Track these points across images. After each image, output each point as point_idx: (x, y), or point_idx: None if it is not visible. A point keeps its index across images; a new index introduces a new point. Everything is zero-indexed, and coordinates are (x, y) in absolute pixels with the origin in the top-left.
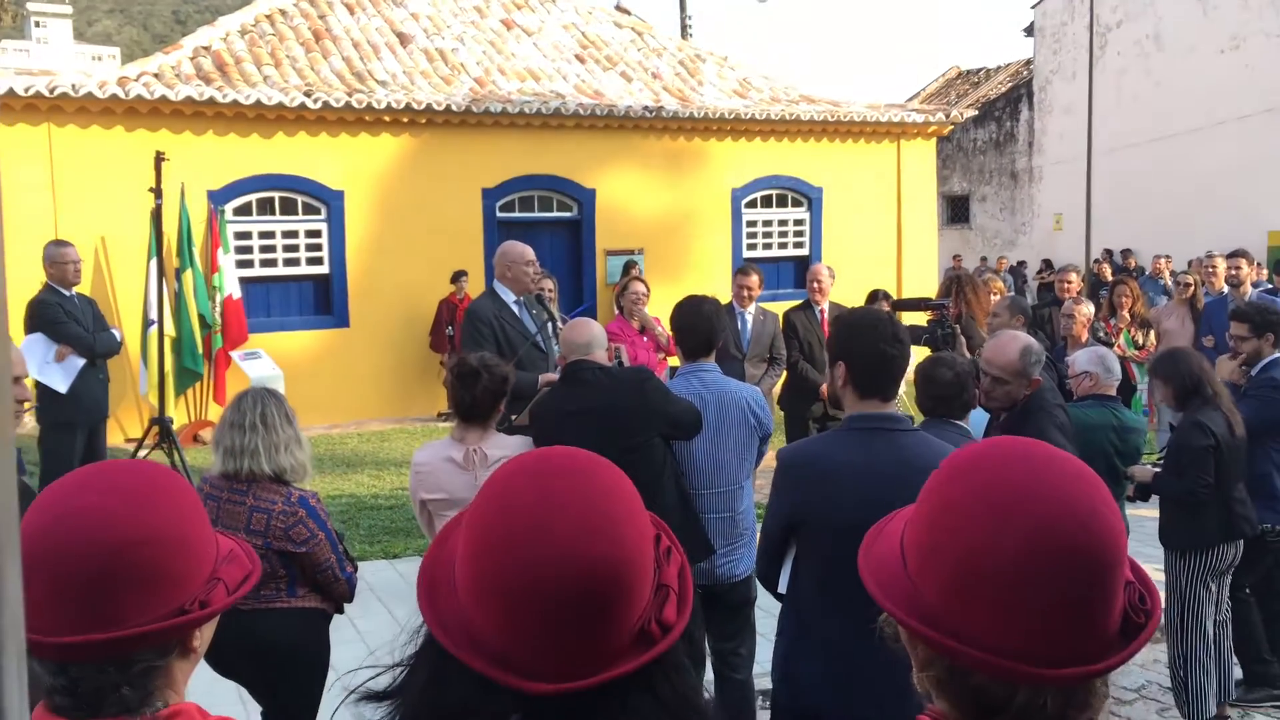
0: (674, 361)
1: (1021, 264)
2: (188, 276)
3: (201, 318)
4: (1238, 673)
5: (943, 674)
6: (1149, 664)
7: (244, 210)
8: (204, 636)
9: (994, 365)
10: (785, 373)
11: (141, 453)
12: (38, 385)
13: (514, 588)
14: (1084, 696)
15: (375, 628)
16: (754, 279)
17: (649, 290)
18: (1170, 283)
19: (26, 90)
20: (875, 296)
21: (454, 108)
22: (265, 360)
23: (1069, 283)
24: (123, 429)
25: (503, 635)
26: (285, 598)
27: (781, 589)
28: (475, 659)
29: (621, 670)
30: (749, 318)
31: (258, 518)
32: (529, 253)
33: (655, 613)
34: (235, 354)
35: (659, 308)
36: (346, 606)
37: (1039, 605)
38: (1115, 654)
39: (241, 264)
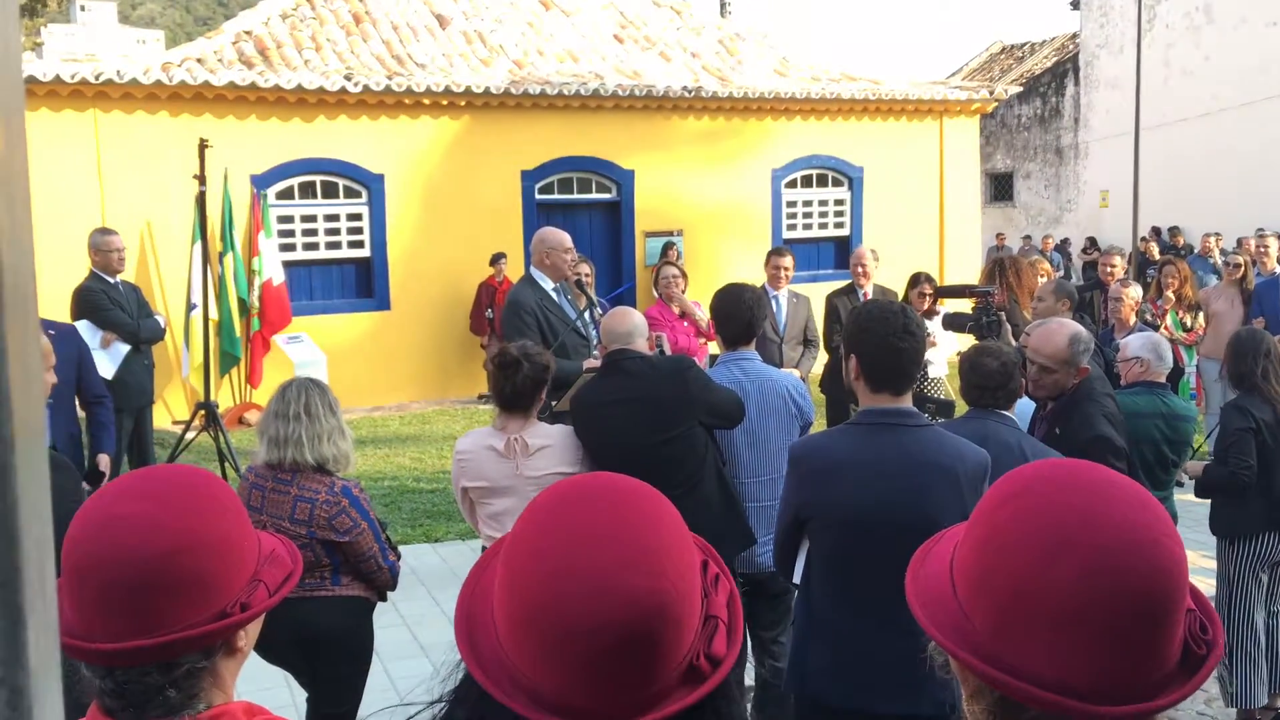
0: (714, 348)
1: (1065, 242)
2: (228, 260)
3: (240, 301)
4: None
5: (993, 705)
6: None
7: (286, 194)
8: (249, 635)
9: (1041, 354)
10: (827, 356)
11: (189, 435)
12: None
13: (548, 627)
14: None
15: (417, 612)
16: (788, 259)
17: (685, 275)
18: (1220, 262)
19: (72, 77)
20: (917, 280)
21: (493, 90)
22: (308, 344)
23: (1112, 266)
24: (170, 412)
25: (541, 676)
26: (330, 586)
27: (796, 579)
28: (515, 701)
29: (669, 711)
30: (783, 300)
31: (302, 507)
32: (567, 240)
33: (704, 646)
34: (278, 338)
35: (699, 289)
36: (389, 593)
37: (1095, 640)
38: (1175, 689)
39: (284, 248)
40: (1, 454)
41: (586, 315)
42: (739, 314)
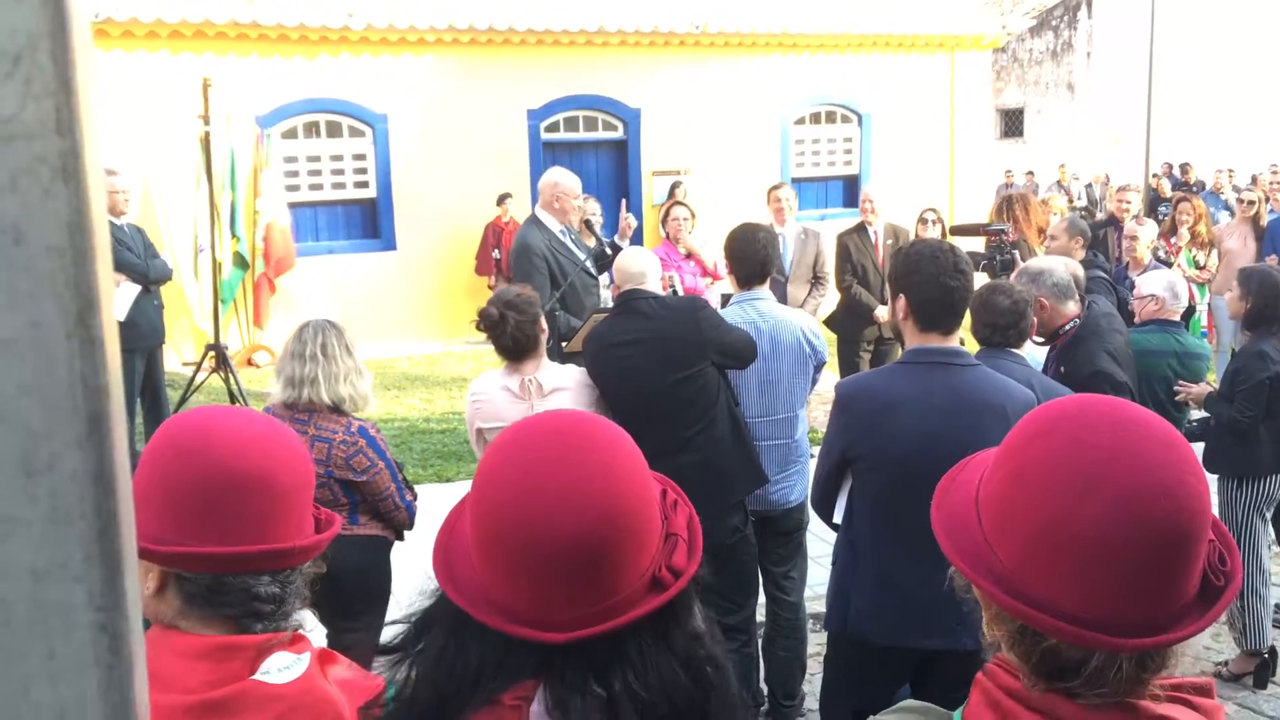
0: (722, 287)
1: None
2: (230, 201)
3: (237, 244)
4: None
5: (1014, 632)
6: None
7: (290, 134)
8: None
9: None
10: (840, 295)
11: (199, 377)
12: None
13: (516, 544)
14: (1160, 659)
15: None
16: (785, 191)
17: (693, 214)
18: (1232, 199)
19: None
20: (925, 220)
21: (497, 27)
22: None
23: (1127, 202)
24: (179, 354)
25: (515, 592)
26: (348, 525)
27: (837, 520)
28: (493, 618)
29: (631, 615)
30: (789, 237)
31: (319, 446)
32: (577, 186)
33: (665, 559)
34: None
35: (707, 228)
36: (406, 533)
37: (1119, 575)
38: (1193, 620)
39: (288, 189)
40: (99, 403)
41: (601, 255)
42: (753, 254)
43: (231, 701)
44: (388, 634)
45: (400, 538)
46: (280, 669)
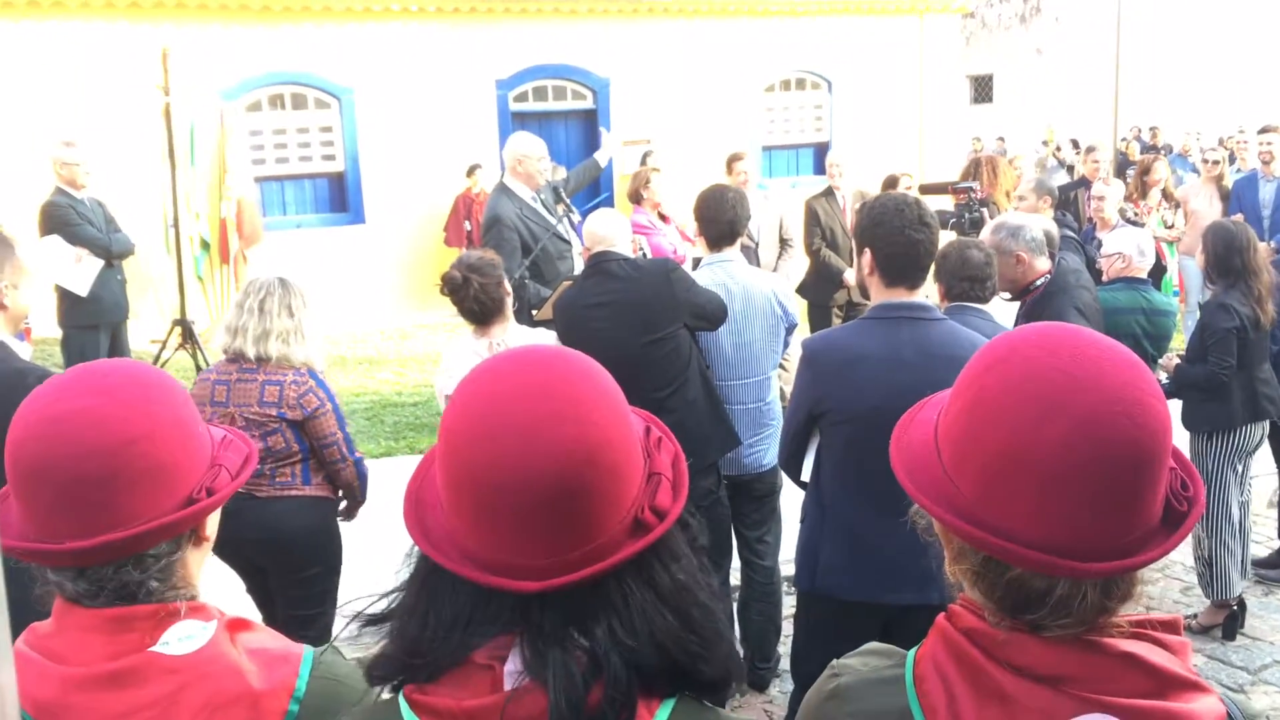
0: (696, 252)
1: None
2: (193, 175)
3: (198, 217)
4: (1256, 551)
5: (978, 567)
6: None
7: (255, 107)
8: (212, 524)
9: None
10: (810, 260)
11: (165, 354)
12: (58, 289)
13: (484, 486)
14: (1125, 587)
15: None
16: (743, 160)
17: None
18: (1199, 162)
19: None
20: (893, 182)
21: None
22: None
23: (1096, 162)
24: (146, 330)
25: (485, 538)
26: (300, 485)
27: (804, 477)
28: (464, 567)
29: (612, 560)
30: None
31: (270, 390)
32: (542, 147)
33: (648, 500)
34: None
35: (679, 198)
36: (372, 502)
37: (1080, 499)
38: (1157, 545)
39: (254, 162)
40: None
41: (567, 221)
42: (722, 214)
43: (128, 673)
44: (380, 604)
45: (354, 500)
46: (181, 639)
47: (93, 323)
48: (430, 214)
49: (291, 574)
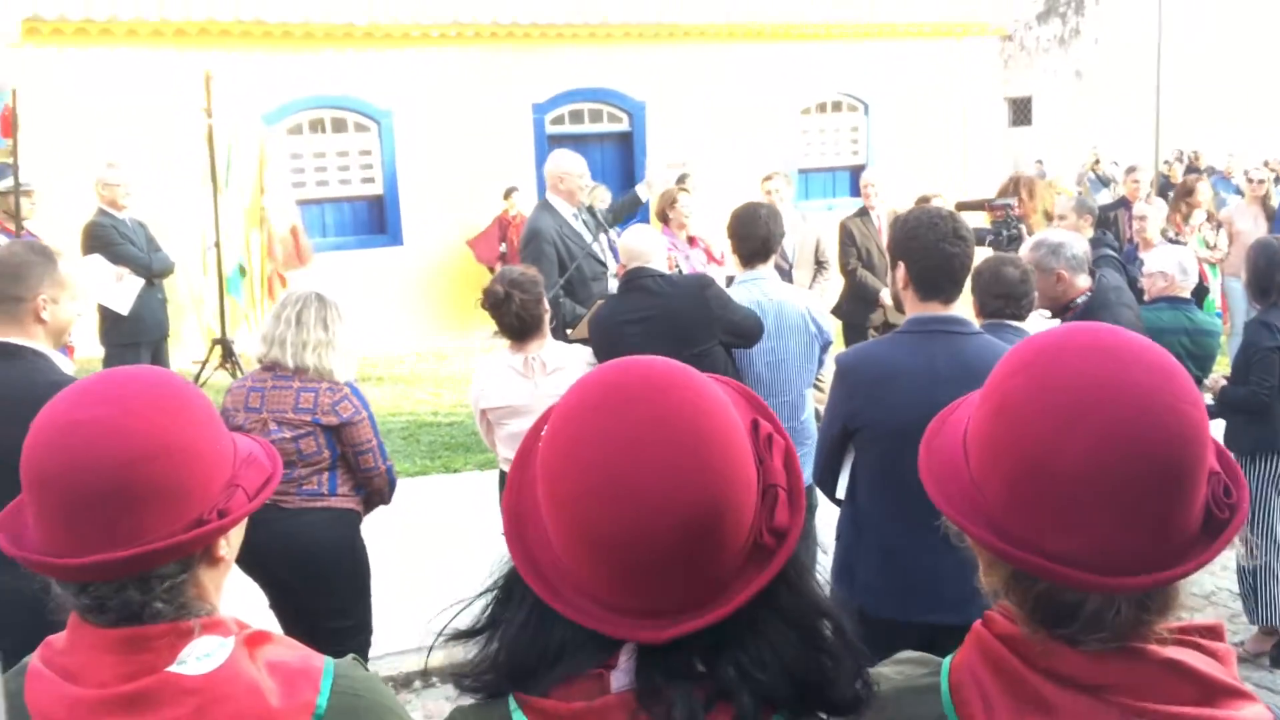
0: (725, 273)
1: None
2: (232, 198)
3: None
4: None
5: (1007, 578)
6: (1218, 570)
7: (295, 130)
8: (231, 544)
9: None
10: (845, 280)
11: (205, 373)
12: (101, 308)
13: (600, 542)
14: (1162, 600)
15: (440, 540)
16: (775, 180)
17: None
18: (1243, 183)
19: (77, 15)
20: (925, 202)
21: (500, 20)
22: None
23: (1137, 182)
24: (187, 350)
25: (600, 583)
26: (326, 496)
27: (839, 494)
28: (576, 605)
29: (738, 601)
30: (786, 225)
31: (305, 396)
32: (582, 164)
33: (766, 520)
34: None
35: (714, 220)
36: (408, 520)
37: (1108, 510)
38: (1195, 555)
39: (295, 185)
40: None
41: (603, 239)
42: (755, 231)
43: (144, 695)
44: (466, 616)
45: (383, 501)
46: (199, 657)
47: (133, 341)
48: (467, 236)
49: (318, 589)
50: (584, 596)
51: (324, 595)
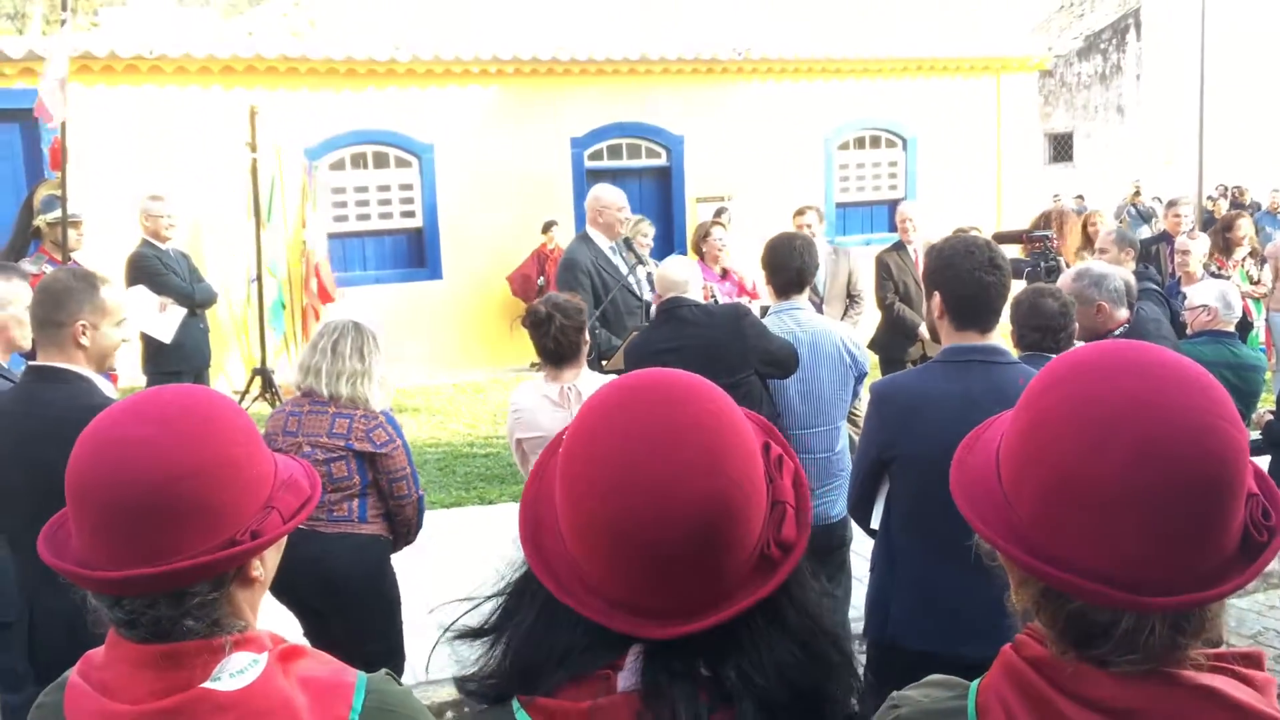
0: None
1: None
2: (276, 233)
3: (272, 273)
4: None
5: (1038, 596)
6: (1265, 610)
7: (338, 165)
8: (267, 564)
9: None
10: (882, 314)
11: (245, 403)
12: (144, 337)
13: (614, 538)
14: (1197, 623)
15: (473, 573)
16: (808, 215)
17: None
18: None
19: (128, 52)
20: (962, 231)
21: (541, 57)
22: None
23: (1178, 217)
24: (229, 380)
25: (611, 580)
26: (356, 522)
27: (874, 525)
28: (586, 604)
29: (742, 605)
30: (819, 258)
31: (340, 422)
32: (622, 198)
33: (773, 533)
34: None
35: (752, 254)
36: (442, 551)
37: (1142, 528)
38: (1232, 577)
39: (336, 219)
40: None
41: (639, 272)
42: (789, 262)
43: (179, 711)
44: (476, 615)
45: (401, 540)
46: (234, 673)
47: (176, 369)
48: (506, 270)
49: (346, 614)
50: (594, 595)
51: (353, 621)
